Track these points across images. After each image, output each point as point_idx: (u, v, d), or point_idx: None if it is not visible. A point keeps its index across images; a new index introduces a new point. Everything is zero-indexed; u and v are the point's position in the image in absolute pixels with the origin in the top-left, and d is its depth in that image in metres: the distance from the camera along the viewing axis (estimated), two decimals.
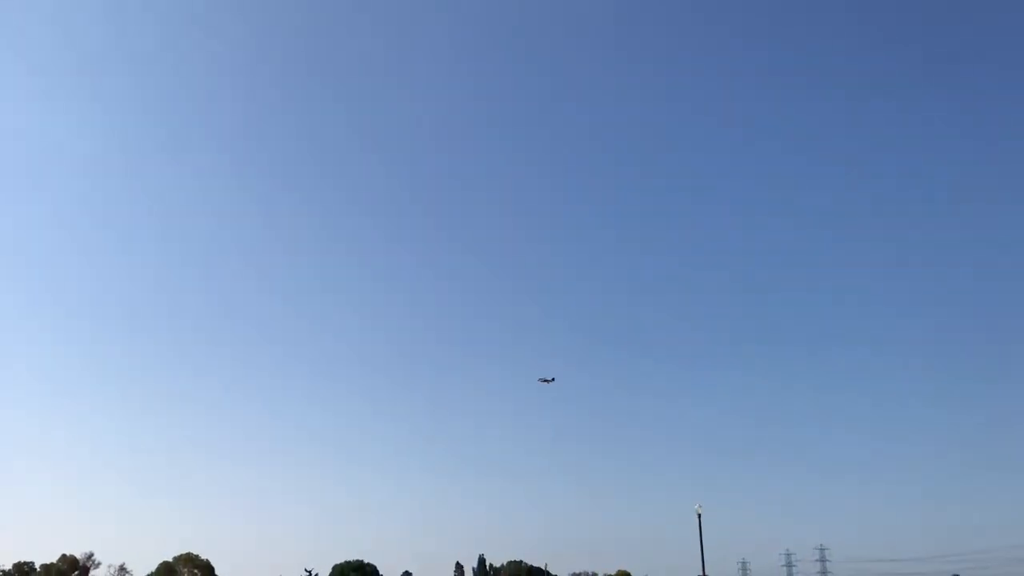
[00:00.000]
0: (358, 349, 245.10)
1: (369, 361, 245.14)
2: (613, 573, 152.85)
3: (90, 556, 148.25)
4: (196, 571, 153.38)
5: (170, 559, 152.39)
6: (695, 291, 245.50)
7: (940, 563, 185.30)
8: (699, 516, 74.64)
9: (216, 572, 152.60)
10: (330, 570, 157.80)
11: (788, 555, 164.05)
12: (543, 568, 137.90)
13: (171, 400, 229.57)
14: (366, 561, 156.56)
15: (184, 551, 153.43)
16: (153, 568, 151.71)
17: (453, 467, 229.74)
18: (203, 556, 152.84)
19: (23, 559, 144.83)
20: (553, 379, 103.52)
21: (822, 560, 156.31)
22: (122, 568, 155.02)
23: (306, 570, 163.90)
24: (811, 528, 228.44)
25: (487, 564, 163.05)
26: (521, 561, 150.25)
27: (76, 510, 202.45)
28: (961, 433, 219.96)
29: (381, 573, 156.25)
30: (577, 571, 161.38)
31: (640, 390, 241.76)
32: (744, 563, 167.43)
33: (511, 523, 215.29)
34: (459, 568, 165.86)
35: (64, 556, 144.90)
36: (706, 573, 76.43)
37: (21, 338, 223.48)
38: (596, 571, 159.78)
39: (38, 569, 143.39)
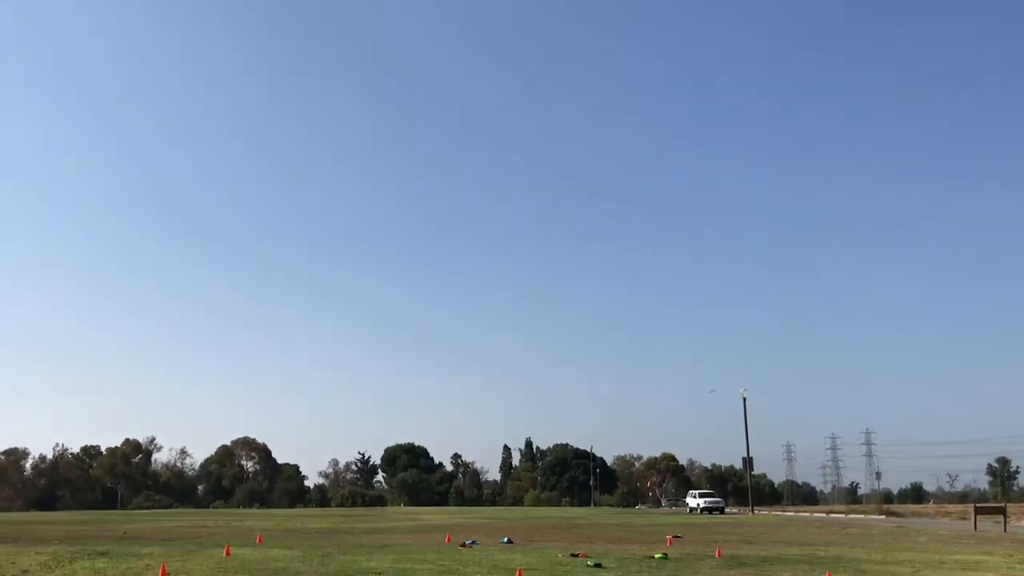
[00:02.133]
0: (398, 232, 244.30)
1: (417, 246, 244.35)
2: (658, 456, 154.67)
3: (152, 440, 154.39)
4: (253, 454, 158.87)
5: (228, 443, 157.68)
6: None
7: (985, 445, 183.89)
8: (744, 400, 73.88)
9: (273, 455, 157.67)
10: (382, 452, 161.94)
11: (833, 439, 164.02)
12: (588, 450, 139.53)
13: (223, 291, 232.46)
14: (416, 444, 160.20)
15: (242, 435, 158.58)
16: (212, 451, 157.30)
17: (502, 353, 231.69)
18: (260, 440, 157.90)
19: (89, 443, 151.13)
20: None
21: (868, 444, 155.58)
22: (183, 451, 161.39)
23: (359, 453, 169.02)
24: (856, 413, 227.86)
25: (534, 447, 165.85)
26: (567, 444, 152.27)
27: (139, 398, 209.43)
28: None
29: (431, 455, 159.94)
30: (622, 454, 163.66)
31: (687, 271, 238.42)
32: (789, 447, 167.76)
33: (558, 408, 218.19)
34: (507, 450, 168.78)
35: (128, 440, 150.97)
36: (751, 456, 76.01)
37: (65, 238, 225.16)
38: (641, 454, 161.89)
39: (104, 452, 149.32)
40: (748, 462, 77.03)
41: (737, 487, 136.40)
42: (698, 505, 71.53)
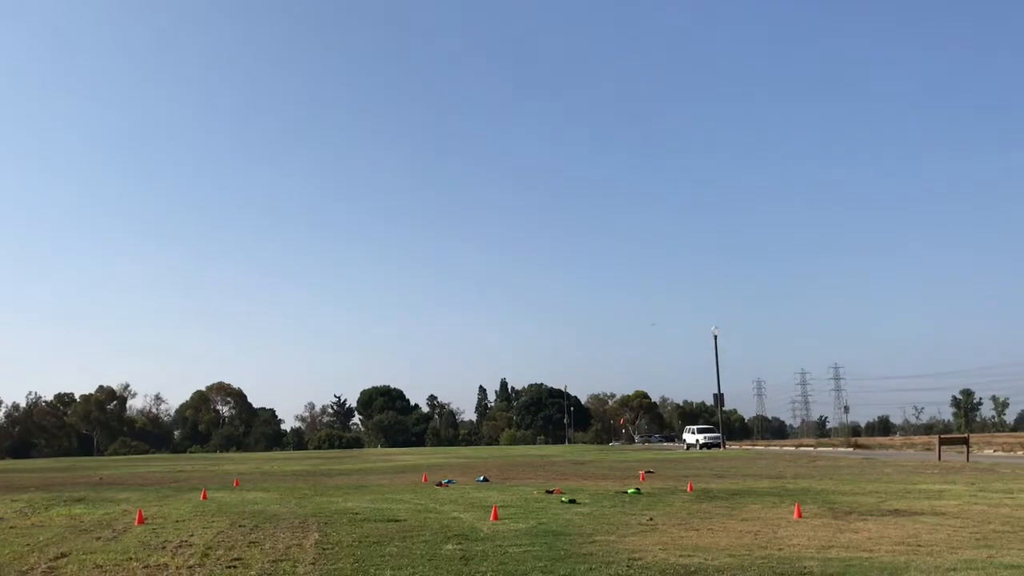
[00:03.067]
0: (374, 176, 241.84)
1: (389, 189, 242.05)
2: (631, 394, 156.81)
3: (126, 386, 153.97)
4: (229, 399, 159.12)
5: (203, 388, 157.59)
6: None
7: (949, 379, 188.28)
8: (715, 338, 74.76)
9: (248, 399, 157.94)
10: (358, 395, 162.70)
11: (803, 374, 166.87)
12: (563, 390, 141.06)
13: (200, 231, 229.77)
14: (392, 387, 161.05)
15: (217, 381, 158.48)
16: (187, 397, 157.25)
17: (477, 296, 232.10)
18: (235, 385, 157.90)
19: (63, 391, 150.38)
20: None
21: (836, 379, 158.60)
22: (157, 397, 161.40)
23: (335, 396, 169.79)
24: (825, 349, 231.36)
25: (509, 387, 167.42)
26: (541, 384, 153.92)
27: (113, 344, 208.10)
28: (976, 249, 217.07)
29: (407, 397, 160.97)
30: (596, 393, 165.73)
31: (656, 205, 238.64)
32: (759, 383, 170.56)
33: (532, 349, 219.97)
34: (482, 391, 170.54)
35: (102, 387, 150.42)
36: (722, 392, 77.29)
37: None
38: (614, 392, 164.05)
39: (78, 399, 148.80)
40: (719, 398, 78.33)
41: (708, 423, 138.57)
42: (697, 441, 67.68)
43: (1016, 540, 11.60)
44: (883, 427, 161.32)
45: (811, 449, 60.51)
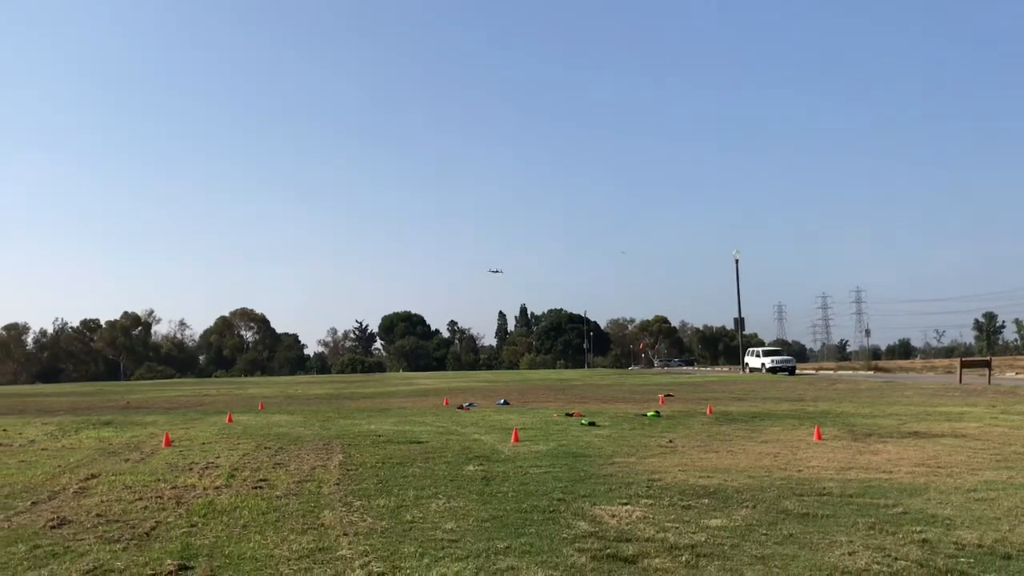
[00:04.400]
0: (393, 102, 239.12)
1: (410, 118, 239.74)
2: (650, 318, 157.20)
3: (151, 312, 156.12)
4: (252, 324, 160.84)
5: (227, 314, 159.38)
6: None
7: (972, 302, 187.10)
8: (736, 262, 74.24)
9: (271, 325, 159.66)
10: (380, 321, 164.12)
11: (824, 298, 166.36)
12: (582, 315, 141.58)
13: (214, 163, 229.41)
14: (413, 312, 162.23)
15: (240, 307, 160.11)
16: (211, 323, 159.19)
17: (494, 220, 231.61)
18: (258, 311, 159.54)
19: (89, 317, 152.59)
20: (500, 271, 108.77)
21: (857, 302, 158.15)
22: (182, 323, 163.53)
23: (357, 322, 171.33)
24: (847, 272, 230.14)
25: (529, 312, 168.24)
26: (561, 309, 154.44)
27: (136, 271, 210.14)
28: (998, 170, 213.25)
29: (428, 323, 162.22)
30: (615, 318, 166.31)
31: (676, 134, 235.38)
32: (780, 306, 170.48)
33: (552, 275, 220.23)
34: (502, 316, 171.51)
35: (127, 313, 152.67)
36: (742, 316, 77.15)
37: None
38: (633, 317, 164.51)
39: (103, 325, 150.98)
40: (740, 322, 78.23)
41: (728, 347, 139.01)
42: (762, 365, 58.98)
43: None
44: (904, 351, 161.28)
45: (831, 372, 60.62)
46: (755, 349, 64.92)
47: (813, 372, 60.65)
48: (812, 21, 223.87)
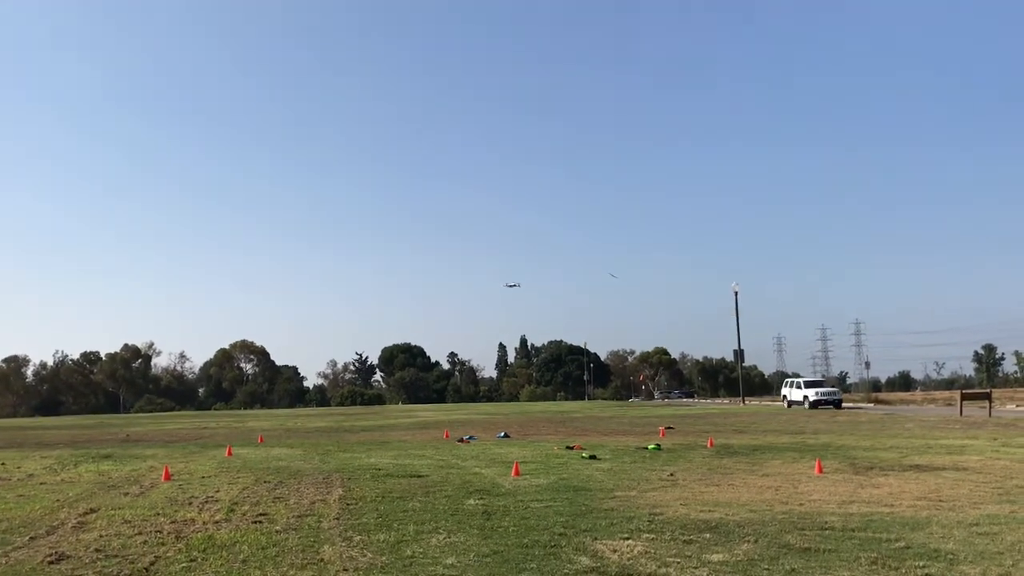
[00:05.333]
0: (383, 131, 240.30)
1: (411, 147, 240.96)
2: (651, 350, 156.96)
3: (151, 345, 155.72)
4: (252, 356, 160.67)
5: (227, 346, 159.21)
6: None
7: (971, 333, 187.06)
8: (736, 294, 74.47)
9: (271, 357, 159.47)
10: (379, 353, 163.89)
11: (823, 329, 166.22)
12: (582, 346, 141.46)
13: (220, 191, 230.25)
14: (413, 344, 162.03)
15: (240, 339, 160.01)
16: (211, 355, 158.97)
17: (496, 253, 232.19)
18: (258, 343, 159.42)
19: (89, 349, 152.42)
20: (517, 284, 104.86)
21: (857, 334, 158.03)
22: (182, 355, 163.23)
23: (357, 353, 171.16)
24: (847, 304, 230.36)
25: (529, 344, 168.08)
26: (561, 340, 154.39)
27: (137, 304, 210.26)
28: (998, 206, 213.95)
29: (428, 354, 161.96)
30: (615, 349, 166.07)
31: (674, 157, 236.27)
32: (780, 338, 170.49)
33: (552, 307, 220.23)
34: (502, 348, 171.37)
35: (127, 345, 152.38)
36: (742, 348, 77.16)
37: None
38: (634, 349, 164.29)
39: (103, 358, 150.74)
40: (739, 354, 78.26)
41: (728, 379, 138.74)
42: (804, 398, 49.90)
43: None
44: (904, 382, 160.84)
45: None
46: (795, 380, 56.79)
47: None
48: (805, 66, 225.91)
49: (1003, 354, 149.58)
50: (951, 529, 8.99)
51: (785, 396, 54.71)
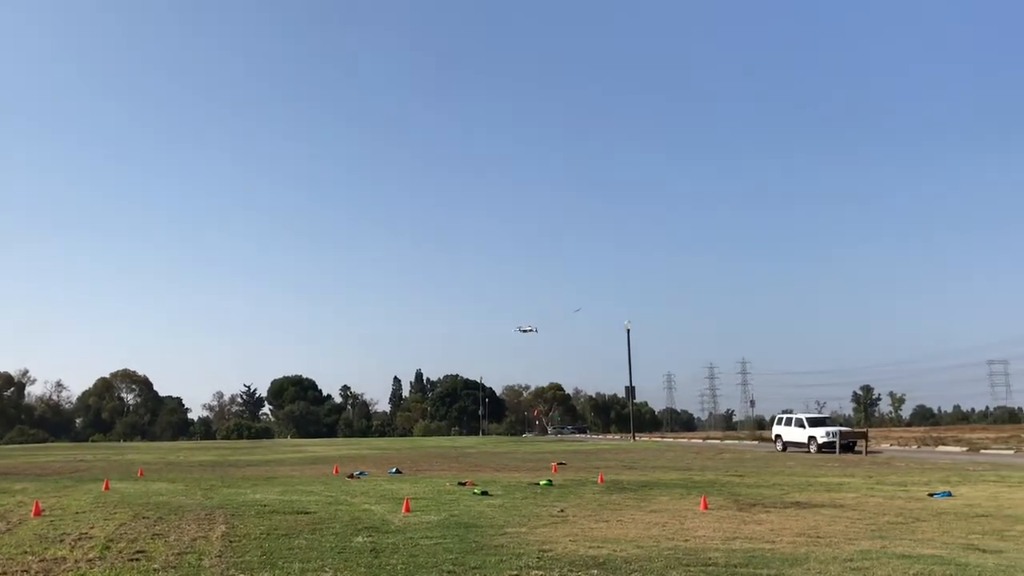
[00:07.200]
0: (282, 165, 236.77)
1: (308, 176, 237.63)
2: (545, 386, 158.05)
3: (25, 372, 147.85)
4: (134, 386, 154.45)
5: (107, 375, 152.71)
6: None
7: (855, 375, 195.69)
8: (628, 332, 75.98)
9: (154, 387, 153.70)
10: (269, 385, 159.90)
11: (711, 368, 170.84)
12: (478, 381, 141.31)
13: (103, 215, 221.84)
14: (304, 376, 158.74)
15: (121, 368, 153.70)
16: (91, 384, 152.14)
17: (391, 285, 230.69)
18: (140, 372, 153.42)
19: None
20: (534, 329, 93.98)
21: (743, 373, 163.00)
22: (59, 384, 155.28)
23: (244, 385, 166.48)
24: (733, 344, 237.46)
25: (424, 378, 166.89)
26: (457, 375, 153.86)
27: (11, 329, 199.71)
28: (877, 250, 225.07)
29: (319, 387, 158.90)
30: (511, 384, 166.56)
31: (573, 197, 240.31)
32: (669, 376, 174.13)
33: (448, 341, 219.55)
34: (396, 381, 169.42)
35: None
36: (633, 385, 78.62)
37: None
38: (529, 384, 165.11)
39: None
40: (631, 391, 79.73)
41: (620, 415, 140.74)
42: (810, 439, 40.29)
43: (908, 531, 12.13)
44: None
45: (718, 442, 62.00)
46: (796, 417, 44.32)
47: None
48: (677, 127, 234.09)
49: (879, 395, 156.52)
50: (827, 565, 9.31)
51: (778, 436, 44.10)
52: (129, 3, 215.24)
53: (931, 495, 17.52)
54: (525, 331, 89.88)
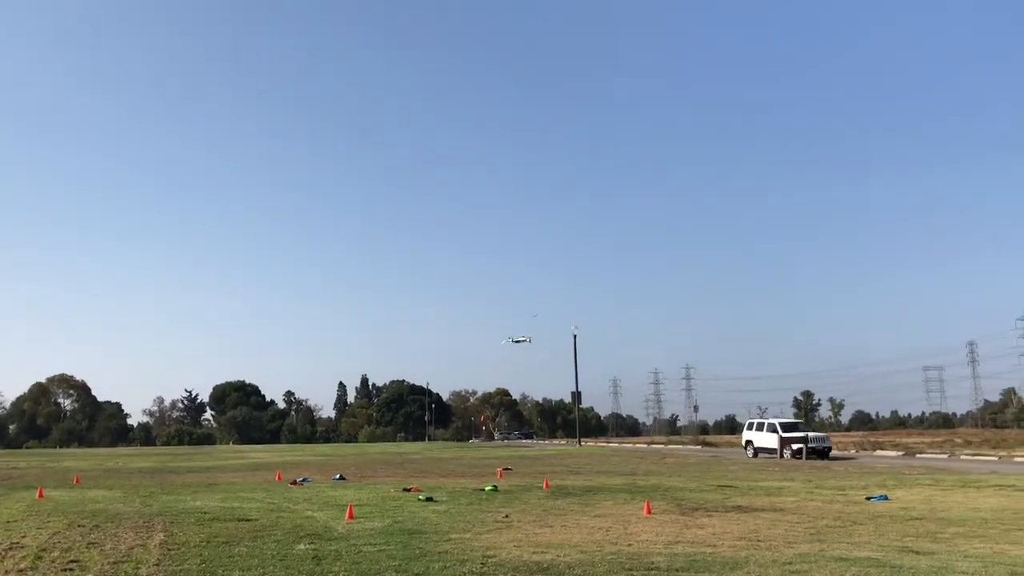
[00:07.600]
0: (233, 168, 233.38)
1: (252, 179, 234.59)
2: (492, 391, 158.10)
3: None
4: (72, 391, 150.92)
5: (43, 380, 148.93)
6: None
7: (796, 380, 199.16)
8: (575, 337, 76.37)
9: (92, 393, 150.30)
10: (211, 390, 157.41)
11: (656, 374, 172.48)
12: (424, 386, 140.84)
13: (40, 212, 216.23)
14: (247, 381, 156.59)
15: (58, 372, 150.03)
16: (25, 389, 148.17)
17: (334, 288, 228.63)
18: (78, 377, 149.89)
19: None
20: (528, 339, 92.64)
21: (687, 379, 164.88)
22: None
23: (186, 390, 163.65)
24: (678, 350, 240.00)
25: (370, 383, 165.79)
26: (403, 380, 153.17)
27: None
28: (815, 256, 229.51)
29: (263, 393, 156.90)
30: (457, 389, 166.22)
31: (520, 204, 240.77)
32: (615, 381, 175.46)
33: (394, 345, 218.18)
34: (342, 387, 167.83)
35: None
36: (579, 390, 79.02)
37: None
38: (476, 389, 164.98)
39: None
40: (577, 396, 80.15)
41: (566, 420, 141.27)
42: (784, 446, 40.16)
43: (845, 534, 12.38)
44: (730, 426, 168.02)
45: (662, 446, 62.61)
46: (769, 422, 43.86)
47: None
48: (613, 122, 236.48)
49: (819, 400, 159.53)
50: (767, 568, 9.45)
51: (749, 442, 43.55)
52: (129, 3, 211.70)
53: (868, 499, 17.89)
54: (518, 342, 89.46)
